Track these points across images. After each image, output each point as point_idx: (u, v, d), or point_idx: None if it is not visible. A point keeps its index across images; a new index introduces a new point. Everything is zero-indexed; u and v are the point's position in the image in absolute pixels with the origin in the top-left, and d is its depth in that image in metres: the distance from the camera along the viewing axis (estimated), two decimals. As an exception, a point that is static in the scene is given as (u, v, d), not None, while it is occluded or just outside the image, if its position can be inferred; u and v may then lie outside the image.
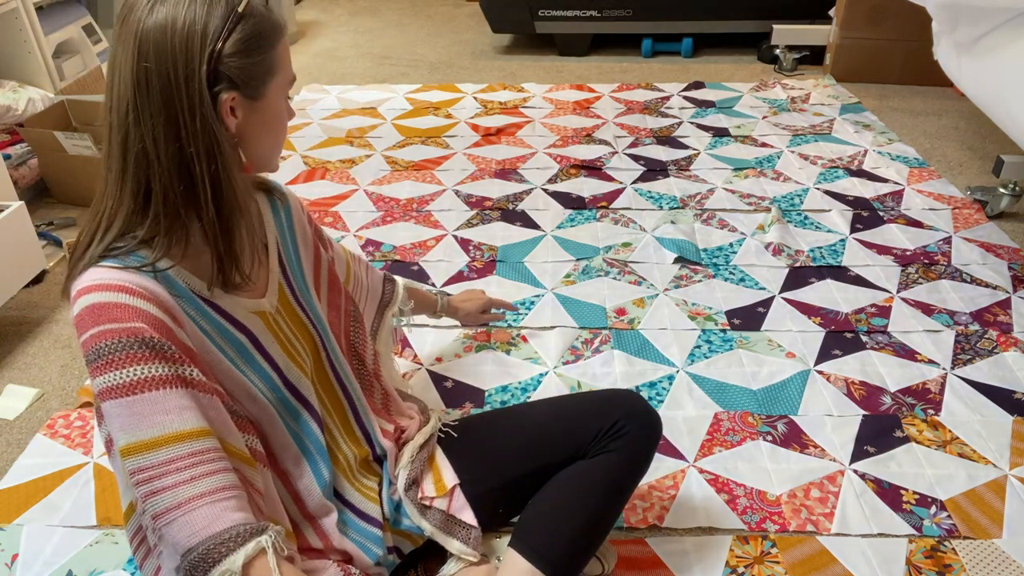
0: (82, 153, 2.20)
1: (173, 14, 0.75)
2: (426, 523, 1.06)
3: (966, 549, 1.22)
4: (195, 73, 0.76)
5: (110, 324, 0.75)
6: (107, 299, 0.76)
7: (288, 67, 0.87)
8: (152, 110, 0.76)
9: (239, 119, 0.82)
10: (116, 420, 0.75)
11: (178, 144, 0.77)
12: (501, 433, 1.14)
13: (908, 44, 3.11)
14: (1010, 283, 1.87)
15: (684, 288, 1.87)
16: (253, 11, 0.80)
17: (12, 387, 1.60)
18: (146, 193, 0.79)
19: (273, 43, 0.83)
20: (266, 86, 0.83)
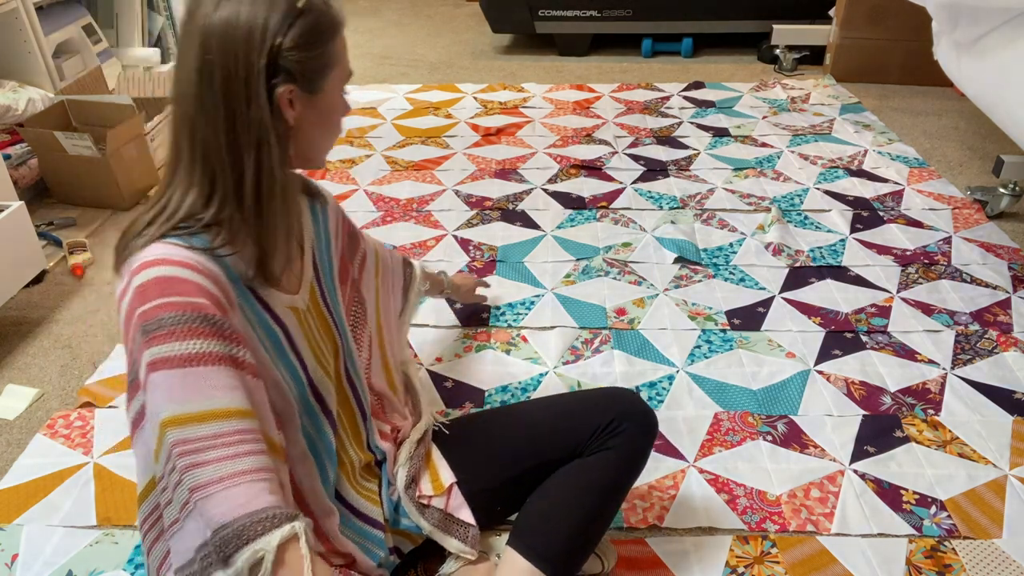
0: (82, 153, 2.20)
1: (236, 11, 0.78)
2: (424, 522, 1.07)
3: (966, 549, 1.22)
4: (254, 66, 0.79)
5: (175, 297, 0.77)
6: (174, 273, 0.78)
7: (345, 61, 0.89)
8: (215, 101, 0.79)
9: (296, 112, 0.84)
10: (165, 391, 0.76)
11: (234, 134, 0.80)
12: (498, 431, 1.14)
13: (908, 44, 3.11)
14: (1010, 283, 1.87)
15: (684, 288, 1.87)
16: (312, 6, 0.82)
17: (12, 387, 1.60)
18: (212, 181, 0.82)
19: (331, 37, 0.85)
20: (324, 80, 0.85)
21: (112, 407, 1.53)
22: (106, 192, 2.27)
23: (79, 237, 2.12)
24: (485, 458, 1.11)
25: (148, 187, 2.40)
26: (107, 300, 1.89)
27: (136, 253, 0.80)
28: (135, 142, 2.32)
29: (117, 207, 2.31)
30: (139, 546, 1.23)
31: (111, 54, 3.00)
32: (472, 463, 1.11)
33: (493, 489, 1.10)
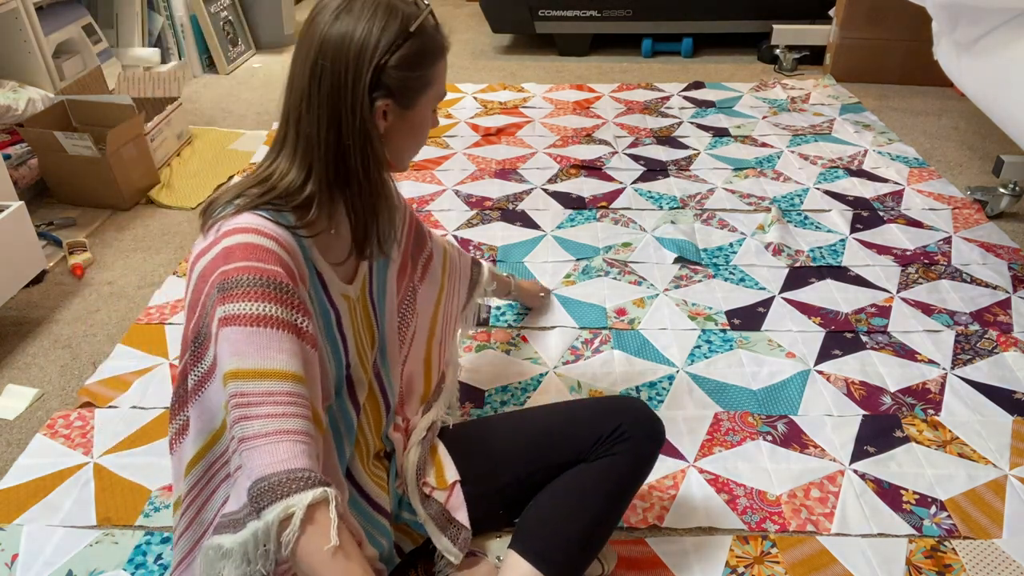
0: (82, 153, 2.20)
1: (354, 27, 0.87)
2: (423, 510, 1.07)
3: (966, 549, 1.22)
4: (360, 79, 0.87)
5: (256, 262, 0.84)
6: (259, 242, 0.85)
7: (442, 84, 0.98)
8: (320, 101, 0.88)
9: (388, 123, 0.92)
10: (232, 345, 0.81)
11: (338, 135, 0.89)
12: (504, 434, 1.14)
13: (908, 44, 3.11)
14: (1010, 283, 1.87)
15: (684, 288, 1.87)
16: (422, 31, 0.90)
17: (12, 387, 1.60)
18: (309, 168, 0.90)
19: (433, 62, 0.93)
20: (418, 98, 0.94)
21: (112, 407, 1.53)
22: (106, 192, 2.27)
23: (79, 237, 2.12)
24: (490, 460, 1.12)
25: (148, 187, 2.40)
26: (107, 300, 1.89)
27: (229, 218, 0.87)
28: (135, 142, 2.32)
29: (117, 207, 2.31)
30: (139, 546, 1.24)
31: (111, 54, 3.00)
32: (477, 465, 1.11)
33: (497, 491, 1.10)
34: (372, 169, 0.92)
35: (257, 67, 3.66)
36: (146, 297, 1.89)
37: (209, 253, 0.86)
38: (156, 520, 1.28)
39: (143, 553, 1.23)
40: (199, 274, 0.86)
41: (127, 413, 1.51)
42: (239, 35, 3.74)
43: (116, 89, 2.73)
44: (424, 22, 0.90)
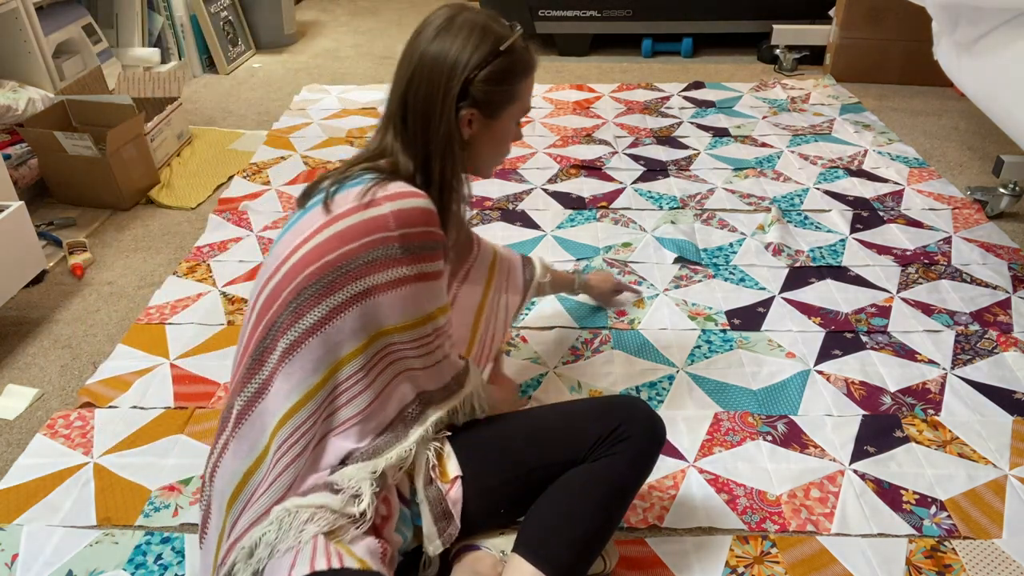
0: (82, 153, 2.20)
1: (451, 44, 1.01)
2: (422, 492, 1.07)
3: (966, 549, 1.22)
4: (451, 90, 1.00)
5: (434, 228, 1.01)
6: (431, 207, 1.01)
7: (527, 99, 1.10)
8: (416, 107, 1.02)
9: (473, 131, 1.05)
10: (430, 295, 1.02)
11: (427, 139, 1.03)
12: (505, 432, 1.14)
13: (908, 44, 3.11)
14: (1010, 283, 1.87)
15: (684, 288, 1.87)
16: (512, 51, 1.03)
17: (12, 387, 1.60)
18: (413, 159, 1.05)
19: (519, 79, 1.06)
20: (502, 110, 1.06)
21: (112, 407, 1.53)
22: (106, 192, 2.27)
23: (79, 237, 2.12)
24: (490, 458, 1.11)
25: (148, 187, 2.40)
26: (107, 300, 1.89)
27: (384, 184, 1.00)
28: (135, 142, 2.32)
29: (117, 207, 2.31)
30: (139, 546, 1.24)
31: (111, 54, 3.00)
32: (477, 463, 1.11)
33: (496, 489, 1.10)
34: (449, 172, 1.04)
35: (257, 67, 3.66)
36: (146, 297, 1.89)
37: (374, 208, 0.98)
38: (156, 520, 1.28)
39: (143, 553, 1.23)
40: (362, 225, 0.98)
41: (127, 413, 1.51)
42: (239, 35, 3.74)
43: (116, 89, 2.73)
44: (514, 43, 1.03)
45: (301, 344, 0.99)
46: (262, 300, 1.02)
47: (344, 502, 0.98)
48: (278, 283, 1.00)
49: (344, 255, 0.97)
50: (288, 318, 0.99)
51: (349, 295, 0.98)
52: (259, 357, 1.01)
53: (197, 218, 2.28)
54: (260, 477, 1.00)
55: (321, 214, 1.01)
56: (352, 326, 0.99)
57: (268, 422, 1.00)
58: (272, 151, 2.68)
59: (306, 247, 0.99)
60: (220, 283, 1.93)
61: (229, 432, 1.02)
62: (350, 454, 1.03)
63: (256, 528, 0.99)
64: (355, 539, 0.97)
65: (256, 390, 1.01)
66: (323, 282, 0.98)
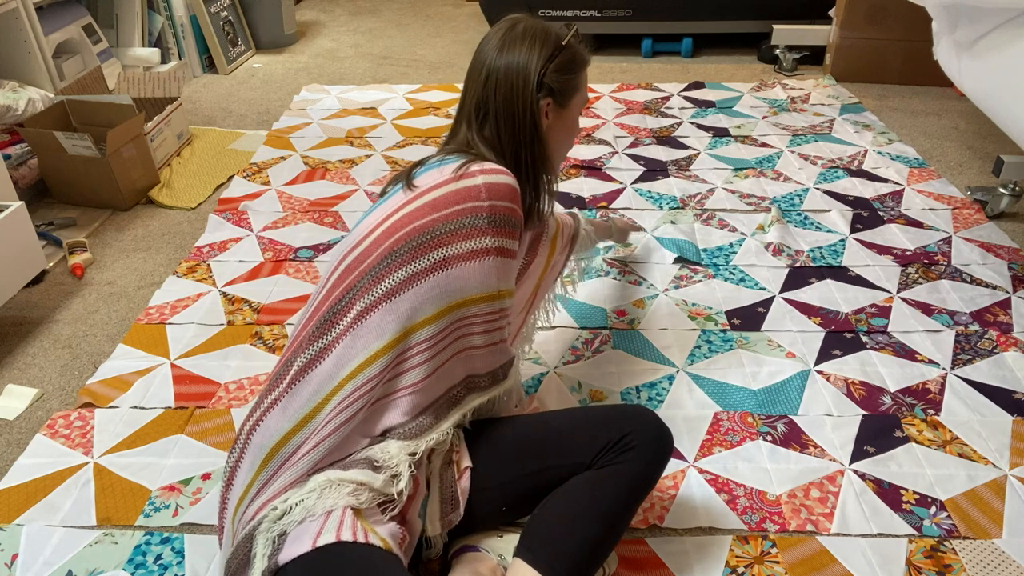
0: (82, 153, 2.20)
1: (519, 49, 1.12)
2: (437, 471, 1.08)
3: (966, 549, 1.22)
4: (530, 83, 1.11)
5: (518, 206, 1.09)
6: (517, 187, 1.09)
7: (586, 89, 1.23)
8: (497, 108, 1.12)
9: (549, 121, 1.16)
10: (505, 271, 1.08)
11: (512, 133, 1.13)
12: (512, 433, 1.15)
13: (908, 44, 3.11)
14: (1010, 283, 1.88)
15: (684, 288, 1.87)
16: (571, 45, 1.16)
17: (12, 387, 1.60)
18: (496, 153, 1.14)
19: (580, 68, 1.19)
20: (572, 99, 1.18)
21: (113, 407, 1.53)
22: (106, 192, 2.27)
23: (79, 237, 2.12)
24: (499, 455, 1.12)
25: (148, 187, 2.40)
26: (107, 300, 1.90)
27: (478, 159, 1.09)
28: (135, 142, 2.32)
29: (117, 207, 2.31)
30: (139, 546, 1.24)
31: (111, 54, 3.00)
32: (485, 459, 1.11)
33: (500, 488, 1.10)
34: (537, 158, 1.14)
35: (257, 67, 3.66)
36: (146, 297, 1.89)
37: (469, 179, 1.06)
38: (156, 520, 1.28)
39: (143, 553, 1.23)
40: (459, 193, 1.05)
41: (127, 413, 1.51)
42: (239, 35, 3.74)
43: (116, 89, 2.73)
44: (572, 39, 1.15)
45: (376, 307, 1.02)
46: (343, 267, 1.06)
47: (384, 482, 1.00)
48: (364, 250, 1.05)
49: (434, 221, 1.04)
50: (368, 282, 1.03)
51: (430, 262, 1.03)
52: (331, 318, 1.03)
53: (197, 218, 2.28)
54: (303, 437, 1.01)
55: (409, 192, 1.07)
56: (429, 294, 1.03)
57: (325, 384, 1.01)
58: (272, 151, 2.68)
59: (396, 216, 1.05)
60: (220, 283, 1.93)
61: (283, 388, 1.03)
62: (392, 428, 1.05)
63: (293, 491, 0.99)
64: (378, 522, 0.99)
65: (321, 349, 1.03)
66: (409, 246, 1.03)
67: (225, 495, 1.05)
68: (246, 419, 1.06)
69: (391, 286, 1.02)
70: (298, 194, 2.37)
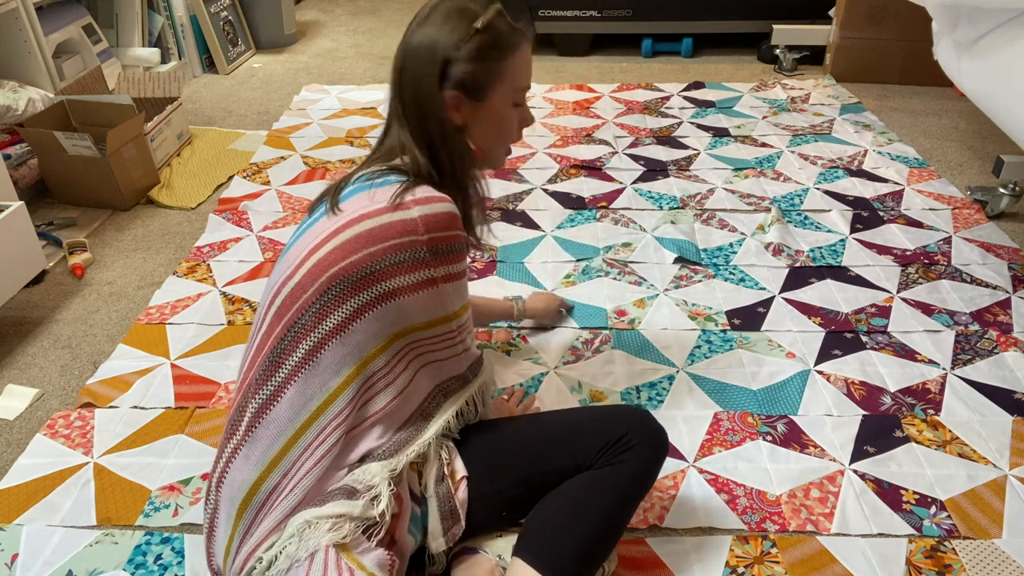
0: (82, 153, 2.20)
1: (427, 32, 1.01)
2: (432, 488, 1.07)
3: (966, 549, 1.22)
4: (432, 74, 1.01)
5: (458, 231, 1.02)
6: (454, 211, 1.01)
7: (520, 78, 1.06)
8: (408, 103, 1.05)
9: (463, 115, 1.04)
10: (455, 294, 1.04)
11: (425, 130, 1.04)
12: (509, 436, 1.14)
13: (908, 44, 3.11)
14: (1010, 283, 1.87)
15: (684, 288, 1.87)
16: (491, 27, 1.00)
17: (12, 387, 1.60)
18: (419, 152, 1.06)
19: (503, 56, 1.02)
20: (490, 90, 1.03)
21: (113, 407, 1.53)
22: (106, 192, 2.27)
23: (79, 237, 2.12)
24: (494, 461, 1.11)
25: (148, 187, 2.40)
26: (107, 300, 1.89)
27: (412, 188, 1.00)
28: (135, 142, 2.32)
29: (117, 207, 2.31)
30: (139, 546, 1.24)
31: (111, 54, 3.00)
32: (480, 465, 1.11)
33: (498, 493, 1.10)
34: (456, 161, 1.05)
35: (257, 67, 3.66)
36: (146, 297, 1.89)
37: (401, 212, 0.98)
38: (156, 520, 1.28)
39: (143, 553, 1.23)
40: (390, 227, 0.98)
41: (127, 413, 1.51)
42: (239, 35, 3.74)
43: (116, 89, 2.73)
44: (492, 19, 1.00)
45: (324, 346, 0.98)
46: (280, 300, 1.00)
47: (364, 507, 0.97)
48: (299, 282, 0.99)
49: (370, 256, 0.97)
50: (311, 319, 0.98)
51: (374, 295, 0.98)
52: (277, 359, 0.99)
53: (197, 218, 2.28)
54: (273, 483, 0.99)
55: (340, 214, 1.00)
56: (376, 326, 0.99)
57: (286, 428, 0.98)
58: (272, 151, 2.68)
59: (328, 246, 0.98)
60: (220, 283, 1.93)
61: (241, 436, 1.00)
62: (370, 452, 1.03)
63: (275, 536, 0.97)
64: (365, 551, 0.96)
65: (272, 392, 0.99)
66: (348, 282, 0.97)
67: (209, 545, 1.03)
68: (212, 469, 1.04)
69: (338, 321, 0.98)
70: (298, 194, 2.37)
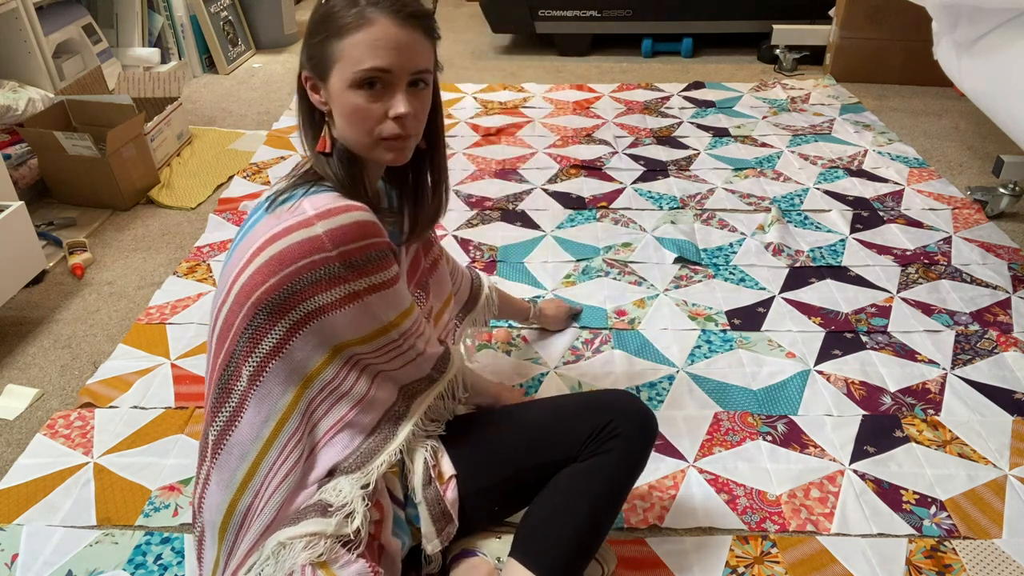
0: (82, 153, 2.20)
1: None
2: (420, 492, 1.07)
3: (966, 549, 1.22)
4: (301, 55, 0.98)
5: (374, 238, 0.95)
6: (365, 218, 0.95)
7: (355, 63, 0.92)
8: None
9: (320, 98, 0.98)
10: (387, 303, 0.99)
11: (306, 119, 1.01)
12: (495, 431, 1.14)
13: (908, 44, 3.11)
14: (1010, 283, 1.87)
15: (684, 288, 1.87)
16: (329, 2, 0.93)
17: (12, 387, 1.60)
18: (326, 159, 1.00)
19: (338, 35, 0.92)
20: (328, 72, 0.94)
21: (113, 407, 1.53)
22: (106, 192, 2.27)
23: (79, 237, 2.12)
24: (483, 457, 1.11)
25: (148, 187, 2.40)
26: (107, 300, 1.89)
27: (312, 197, 0.94)
28: (135, 142, 2.32)
29: (117, 207, 2.31)
30: (139, 546, 1.24)
31: (111, 54, 3.00)
32: (470, 461, 1.11)
33: (491, 488, 1.10)
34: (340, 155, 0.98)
35: (257, 67, 3.66)
36: (146, 297, 1.89)
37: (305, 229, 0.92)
38: (156, 520, 1.28)
39: (143, 553, 1.23)
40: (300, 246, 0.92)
41: (127, 413, 1.51)
42: (239, 35, 3.74)
43: (116, 89, 2.73)
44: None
45: (265, 368, 0.97)
46: (219, 326, 0.99)
47: (338, 524, 0.96)
48: (230, 309, 0.97)
49: (286, 277, 0.93)
50: (246, 345, 0.96)
51: (302, 314, 0.95)
52: (225, 385, 0.99)
53: (197, 218, 2.28)
54: (247, 503, 0.99)
55: (262, 229, 0.96)
56: (312, 343, 0.97)
57: (248, 449, 0.98)
58: (272, 151, 2.68)
59: (249, 269, 0.95)
60: (220, 283, 1.93)
61: (208, 462, 1.01)
62: (337, 465, 1.02)
63: (254, 558, 0.98)
64: (346, 564, 0.95)
65: (228, 418, 0.99)
66: (272, 305, 0.94)
67: (199, 570, 1.05)
68: (193, 493, 1.05)
69: (273, 343, 0.96)
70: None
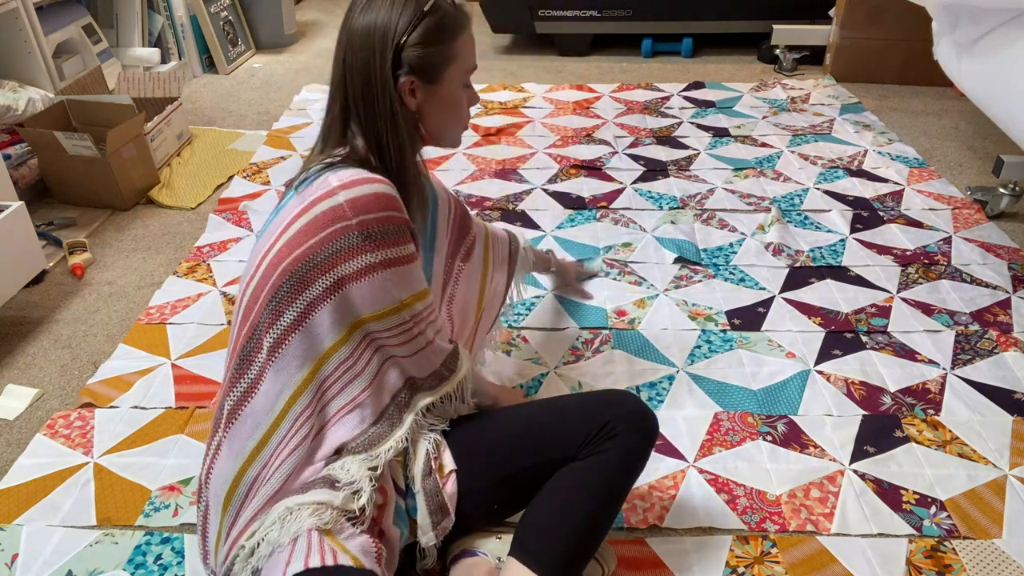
0: (82, 153, 2.20)
1: (375, 16, 0.98)
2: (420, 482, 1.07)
3: (966, 549, 1.22)
4: (385, 61, 0.98)
5: (393, 212, 0.98)
6: (387, 191, 0.98)
7: (468, 58, 1.05)
8: (355, 91, 1.01)
9: (418, 100, 1.03)
10: (399, 281, 1.00)
11: (373, 114, 1.01)
12: (496, 430, 1.14)
13: (908, 44, 3.11)
14: (1010, 283, 1.87)
15: (684, 288, 1.87)
16: (437, 8, 0.99)
17: (12, 387, 1.60)
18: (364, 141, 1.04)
19: (451, 37, 1.01)
20: (443, 72, 1.02)
21: (113, 407, 1.53)
22: (106, 192, 2.27)
23: (79, 237, 2.12)
24: (483, 455, 1.11)
25: (148, 187, 2.40)
26: (107, 300, 1.89)
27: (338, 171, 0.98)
28: (135, 142, 2.32)
29: (117, 207, 2.31)
30: (139, 546, 1.24)
31: (111, 54, 3.00)
32: (470, 459, 1.11)
33: (490, 486, 1.10)
34: (406, 147, 1.03)
35: (257, 67, 3.66)
36: (146, 297, 1.89)
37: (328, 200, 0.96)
38: (156, 520, 1.28)
39: (143, 553, 1.23)
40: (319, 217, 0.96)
41: (127, 413, 1.51)
42: (239, 35, 3.74)
43: (116, 89, 2.73)
44: (438, 2, 0.99)
45: (285, 341, 0.99)
46: (246, 300, 1.02)
47: (345, 499, 0.98)
48: (258, 282, 1.01)
49: (310, 248, 0.97)
50: (269, 317, 0.99)
51: (323, 288, 0.98)
52: (247, 356, 1.01)
53: (197, 218, 2.28)
54: (254, 473, 1.01)
55: (291, 207, 1.01)
56: (331, 318, 1.00)
57: (261, 420, 1.00)
58: (272, 151, 2.68)
59: (278, 244, 0.99)
60: (220, 283, 1.93)
61: (221, 432, 1.03)
62: (345, 444, 1.03)
63: (257, 524, 0.99)
64: (350, 536, 0.97)
65: (245, 389, 1.01)
66: (296, 277, 0.98)
67: (203, 546, 1.06)
68: (201, 468, 1.07)
69: (295, 316, 0.99)
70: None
